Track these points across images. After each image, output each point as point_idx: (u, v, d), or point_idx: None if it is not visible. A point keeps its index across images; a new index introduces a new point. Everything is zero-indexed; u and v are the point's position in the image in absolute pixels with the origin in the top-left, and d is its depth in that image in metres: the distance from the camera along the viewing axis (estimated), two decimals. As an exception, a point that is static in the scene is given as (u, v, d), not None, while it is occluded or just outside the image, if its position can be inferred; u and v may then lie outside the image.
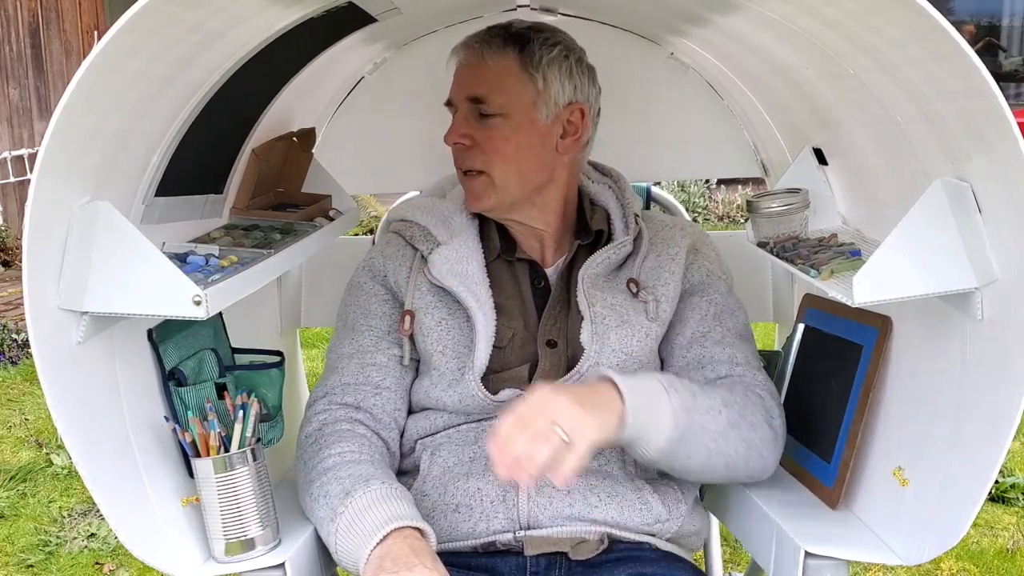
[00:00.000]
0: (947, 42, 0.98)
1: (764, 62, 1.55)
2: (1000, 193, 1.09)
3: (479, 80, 1.51)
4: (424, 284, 1.55)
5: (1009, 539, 3.00)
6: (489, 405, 1.46)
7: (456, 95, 1.54)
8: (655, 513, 1.45)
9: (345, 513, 1.31)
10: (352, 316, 1.59)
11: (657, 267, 1.56)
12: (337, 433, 1.46)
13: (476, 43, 1.53)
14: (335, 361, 1.57)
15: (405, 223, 1.62)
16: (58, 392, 1.12)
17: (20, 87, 7.96)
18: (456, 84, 1.55)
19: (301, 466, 1.47)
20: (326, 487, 1.37)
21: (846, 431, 1.44)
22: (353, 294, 1.62)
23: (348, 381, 1.53)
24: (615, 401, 1.28)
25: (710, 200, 8.46)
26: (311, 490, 1.40)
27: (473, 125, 1.51)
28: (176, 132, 1.29)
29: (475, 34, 1.55)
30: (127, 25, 1.00)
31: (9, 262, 7.49)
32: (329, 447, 1.43)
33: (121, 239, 1.15)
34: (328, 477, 1.38)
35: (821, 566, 1.29)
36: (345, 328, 1.60)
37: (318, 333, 5.16)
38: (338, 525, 1.31)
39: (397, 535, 1.26)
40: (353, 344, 1.56)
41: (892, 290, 1.16)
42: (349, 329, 1.59)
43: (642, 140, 1.97)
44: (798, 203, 1.54)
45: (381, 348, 1.55)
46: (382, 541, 1.25)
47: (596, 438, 1.23)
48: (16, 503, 3.39)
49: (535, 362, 1.51)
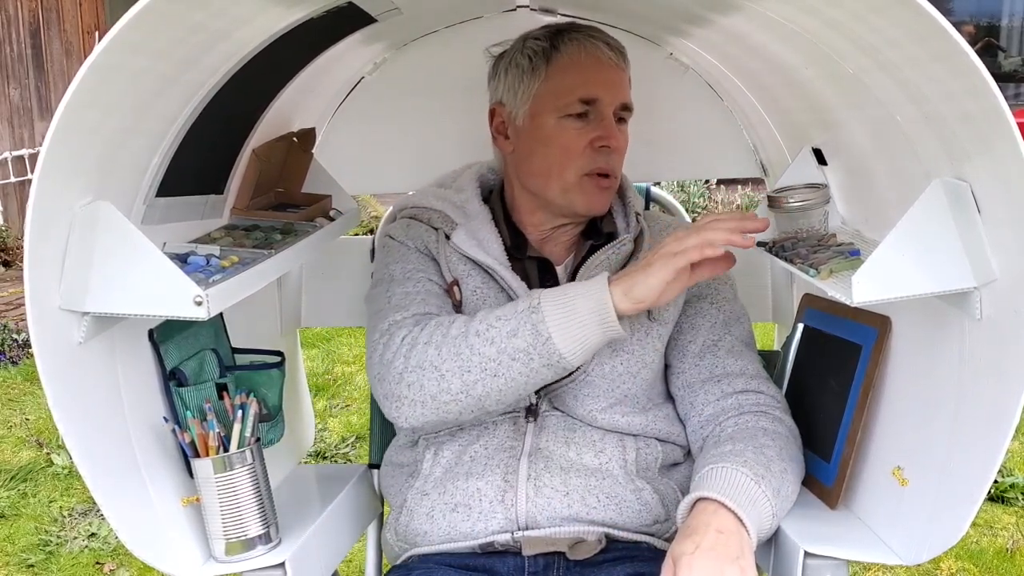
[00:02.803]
0: (947, 42, 0.98)
1: (764, 62, 1.55)
2: (999, 193, 1.09)
3: (626, 88, 1.55)
4: (454, 255, 1.54)
5: (1008, 539, 3.00)
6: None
7: (611, 99, 1.52)
8: (654, 513, 1.45)
9: (542, 299, 1.32)
10: (398, 271, 1.54)
11: None
12: (433, 321, 1.41)
13: (613, 49, 1.53)
14: (385, 309, 1.48)
15: (419, 208, 1.61)
16: (59, 392, 1.12)
17: (21, 87, 7.96)
18: (606, 87, 1.52)
19: (406, 361, 1.37)
20: (485, 322, 1.34)
21: (845, 431, 1.45)
22: (390, 253, 1.57)
23: (417, 311, 1.46)
24: (744, 535, 1.25)
25: (709, 200, 8.45)
26: (458, 347, 1.34)
27: (617, 130, 1.53)
28: (177, 132, 1.29)
29: (599, 36, 1.54)
30: (128, 25, 1.00)
31: (10, 262, 7.49)
32: (442, 322, 1.39)
33: (122, 239, 1.15)
34: (472, 325, 1.35)
35: (821, 566, 1.29)
36: (390, 281, 1.53)
37: (318, 333, 5.16)
38: (544, 311, 1.31)
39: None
40: (406, 289, 1.50)
41: (891, 290, 1.16)
42: (397, 283, 1.52)
43: (642, 140, 1.96)
44: (817, 199, 1.53)
45: (435, 293, 1.51)
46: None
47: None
48: (17, 503, 3.39)
49: None
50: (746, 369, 1.53)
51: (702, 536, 1.22)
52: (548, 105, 1.51)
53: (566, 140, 1.50)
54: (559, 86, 1.51)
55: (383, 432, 1.86)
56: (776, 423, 1.47)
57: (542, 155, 1.53)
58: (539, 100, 1.52)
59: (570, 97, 1.50)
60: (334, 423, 4.11)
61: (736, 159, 2.02)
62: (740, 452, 1.37)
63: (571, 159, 1.50)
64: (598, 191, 1.52)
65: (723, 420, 1.48)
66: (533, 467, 1.44)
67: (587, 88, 1.50)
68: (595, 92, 1.50)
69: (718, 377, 1.52)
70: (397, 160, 2.02)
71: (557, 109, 1.51)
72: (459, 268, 1.53)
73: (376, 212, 6.90)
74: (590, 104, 1.50)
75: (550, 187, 1.53)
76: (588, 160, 1.50)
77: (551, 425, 1.48)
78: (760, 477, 1.32)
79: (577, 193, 1.52)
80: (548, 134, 1.52)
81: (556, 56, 1.52)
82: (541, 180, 1.54)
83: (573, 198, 1.52)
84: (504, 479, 1.43)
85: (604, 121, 1.50)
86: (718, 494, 1.28)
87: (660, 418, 1.53)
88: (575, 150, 1.50)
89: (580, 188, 1.51)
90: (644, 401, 1.53)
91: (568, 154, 1.50)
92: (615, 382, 1.49)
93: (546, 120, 1.52)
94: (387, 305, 1.49)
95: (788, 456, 1.41)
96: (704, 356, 1.54)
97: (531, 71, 1.53)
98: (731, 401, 1.50)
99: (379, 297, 1.52)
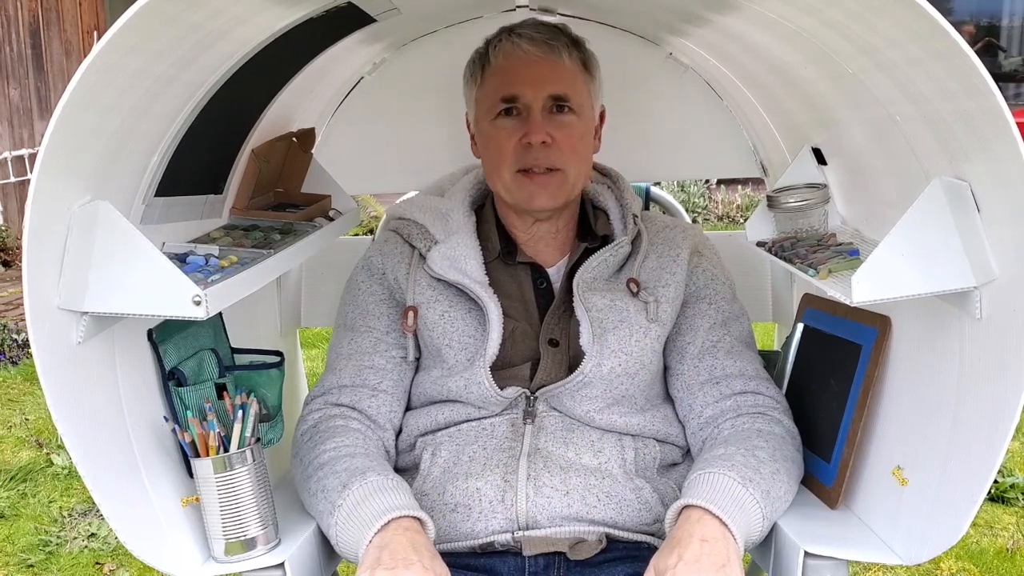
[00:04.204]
0: (947, 42, 0.98)
1: (763, 62, 1.55)
2: (999, 193, 1.09)
3: (559, 78, 1.53)
4: (424, 279, 1.56)
5: (1008, 539, 3.00)
6: (495, 400, 1.47)
7: (533, 92, 1.51)
8: (654, 513, 1.45)
9: (343, 505, 1.32)
10: (351, 316, 1.60)
11: (658, 268, 1.56)
12: (332, 429, 1.47)
13: (544, 40, 1.53)
14: (333, 361, 1.58)
15: (403, 221, 1.63)
16: (58, 392, 1.12)
17: (20, 87, 7.96)
18: (527, 81, 1.52)
19: (297, 463, 1.48)
20: (323, 481, 1.38)
21: (845, 431, 1.44)
22: (351, 293, 1.62)
23: (345, 383, 1.54)
24: (730, 541, 1.25)
25: (709, 200, 8.46)
26: (309, 486, 1.41)
27: (549, 123, 1.52)
28: (176, 132, 1.29)
29: (530, 28, 1.54)
30: (128, 25, 1.00)
31: (9, 262, 7.49)
32: (324, 443, 1.44)
33: (121, 239, 1.15)
34: (325, 471, 1.39)
35: (821, 566, 1.29)
36: (344, 328, 1.61)
37: (318, 333, 5.16)
38: (336, 518, 1.32)
39: (396, 526, 1.27)
40: (352, 344, 1.57)
41: (891, 289, 1.16)
42: (348, 329, 1.60)
43: (641, 140, 1.98)
44: (816, 199, 1.54)
45: (379, 350, 1.56)
46: (381, 530, 1.26)
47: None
48: (16, 503, 3.39)
49: (537, 360, 1.52)
50: (745, 370, 1.53)
51: (685, 547, 1.22)
52: (482, 110, 1.57)
53: (499, 140, 1.54)
54: (487, 90, 1.56)
55: (383, 432, 1.86)
56: (773, 424, 1.46)
57: (487, 157, 1.58)
58: (478, 105, 1.58)
59: (493, 98, 1.54)
60: (334, 423, 4.10)
61: (736, 159, 2.02)
62: (730, 456, 1.37)
63: (503, 158, 1.53)
64: (534, 186, 1.53)
65: (721, 423, 1.48)
66: (533, 467, 1.44)
67: (506, 87, 1.53)
68: (513, 90, 1.53)
69: (717, 379, 1.52)
70: (396, 160, 2.02)
71: (488, 112, 1.55)
72: (426, 293, 1.55)
73: (376, 212, 6.90)
74: (512, 102, 1.53)
75: (497, 187, 1.57)
76: (517, 157, 1.53)
77: (549, 426, 1.48)
78: (748, 480, 1.32)
79: (516, 190, 1.54)
80: (486, 137, 1.57)
81: (486, 62, 1.57)
82: (492, 181, 1.59)
83: (515, 195, 1.55)
84: (504, 479, 1.43)
85: (530, 117, 1.52)
86: (703, 501, 1.27)
87: (658, 419, 1.53)
88: (506, 149, 1.53)
89: (517, 185, 1.54)
90: (642, 402, 1.53)
91: (501, 154, 1.53)
92: (613, 383, 1.49)
93: (483, 124, 1.57)
94: (332, 356, 1.60)
95: (782, 457, 1.41)
96: (703, 358, 1.54)
97: (471, 79, 1.60)
98: (729, 403, 1.50)
99: (333, 340, 1.62)
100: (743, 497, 1.30)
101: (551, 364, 1.51)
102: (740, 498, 1.30)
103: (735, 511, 1.28)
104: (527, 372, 1.51)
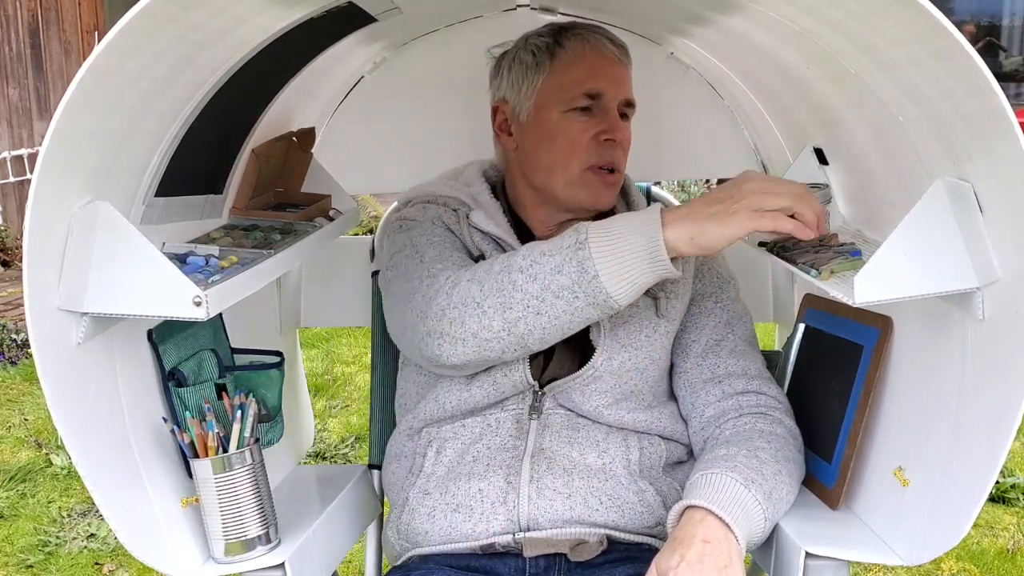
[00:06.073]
0: (948, 42, 0.98)
1: (765, 62, 1.55)
2: (1001, 193, 1.09)
3: (629, 85, 1.55)
4: (476, 233, 1.54)
5: (1009, 539, 3.00)
6: (521, 382, 1.45)
7: (614, 93, 1.52)
8: (656, 515, 1.45)
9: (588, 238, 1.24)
10: (424, 241, 1.50)
11: None
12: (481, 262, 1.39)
13: (616, 45, 1.54)
14: (433, 256, 1.45)
15: (433, 195, 1.60)
16: (58, 393, 1.12)
17: (20, 87, 7.96)
18: (610, 81, 1.52)
19: (476, 285, 1.32)
20: (531, 266, 1.28)
21: (847, 431, 1.44)
22: (413, 230, 1.53)
23: (457, 264, 1.43)
24: (732, 543, 1.25)
25: (710, 200, 8.44)
26: (513, 262, 1.29)
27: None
28: (176, 132, 1.29)
29: (603, 32, 1.55)
30: (128, 25, 0.99)
31: (9, 262, 7.49)
32: (488, 260, 1.37)
33: (121, 239, 1.15)
34: (518, 261, 1.29)
35: (821, 566, 1.29)
36: (421, 247, 1.48)
37: (318, 333, 5.16)
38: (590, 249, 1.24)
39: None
40: (442, 250, 1.47)
41: (893, 290, 1.16)
42: (429, 247, 1.48)
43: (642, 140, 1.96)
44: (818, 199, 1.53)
45: (471, 261, 1.49)
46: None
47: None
48: (16, 503, 3.39)
49: (547, 353, 1.50)
50: (748, 369, 1.53)
51: (687, 548, 1.22)
52: (552, 99, 1.52)
53: (571, 134, 1.50)
54: (563, 80, 1.51)
55: (383, 432, 1.85)
56: (774, 424, 1.46)
57: (547, 149, 1.53)
58: (543, 95, 1.53)
59: (575, 91, 1.50)
60: (334, 423, 4.11)
61: (737, 159, 2.01)
62: (732, 456, 1.37)
63: (575, 153, 1.50)
64: (602, 185, 1.52)
65: (723, 422, 1.48)
66: (536, 468, 1.43)
67: (592, 82, 1.50)
68: (599, 86, 1.50)
69: (719, 378, 1.52)
70: (397, 160, 2.02)
71: (562, 103, 1.51)
72: (483, 245, 1.53)
73: (376, 212, 6.90)
74: (594, 98, 1.51)
75: (555, 181, 1.53)
76: (592, 153, 1.50)
77: (555, 423, 1.48)
78: (750, 481, 1.32)
79: (581, 187, 1.52)
80: (552, 128, 1.52)
81: (560, 51, 1.52)
82: (546, 175, 1.54)
83: (577, 192, 1.52)
84: (506, 480, 1.43)
85: (608, 115, 1.51)
86: (706, 501, 1.27)
87: (665, 415, 1.53)
88: (580, 144, 1.50)
89: (584, 182, 1.51)
90: (649, 398, 1.53)
91: (573, 148, 1.50)
92: (622, 378, 1.49)
93: (550, 114, 1.52)
94: (420, 264, 1.44)
95: (784, 457, 1.41)
96: (707, 356, 1.54)
97: (535, 66, 1.54)
98: (731, 403, 1.50)
99: (407, 262, 1.46)
100: (745, 498, 1.30)
101: (562, 357, 1.50)
102: (742, 499, 1.30)
103: (737, 512, 1.28)
104: (540, 363, 1.50)
